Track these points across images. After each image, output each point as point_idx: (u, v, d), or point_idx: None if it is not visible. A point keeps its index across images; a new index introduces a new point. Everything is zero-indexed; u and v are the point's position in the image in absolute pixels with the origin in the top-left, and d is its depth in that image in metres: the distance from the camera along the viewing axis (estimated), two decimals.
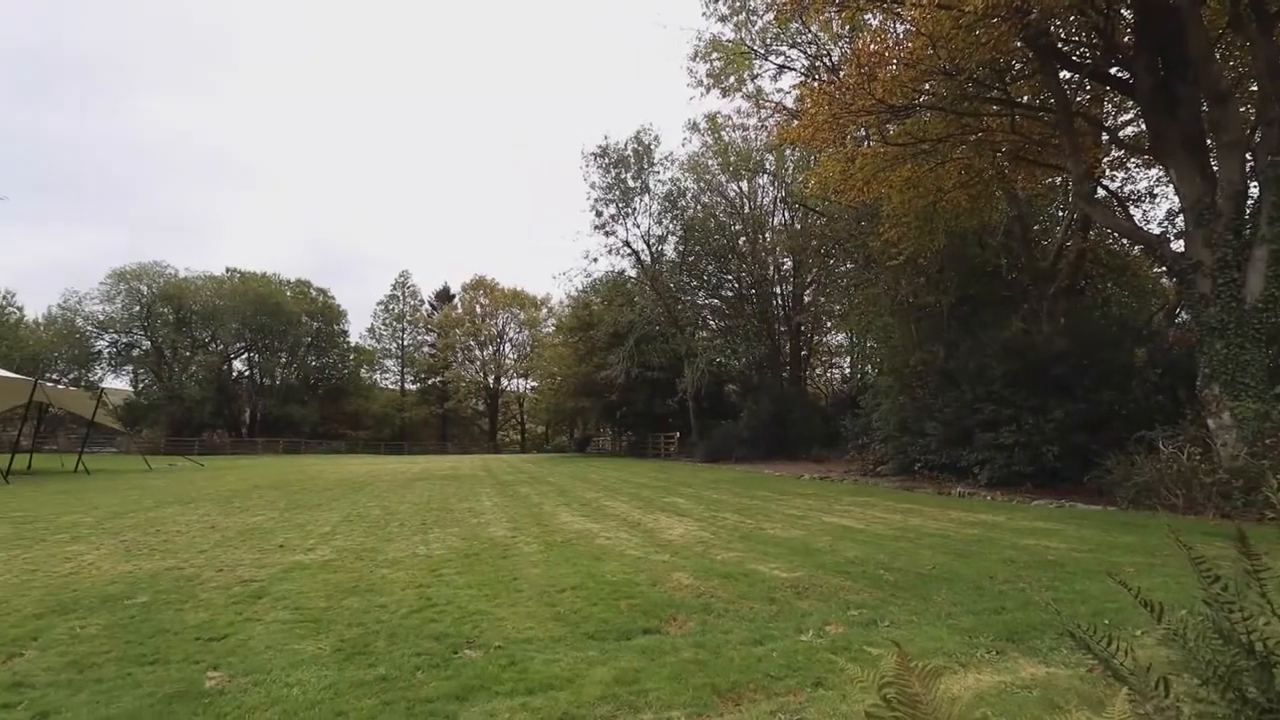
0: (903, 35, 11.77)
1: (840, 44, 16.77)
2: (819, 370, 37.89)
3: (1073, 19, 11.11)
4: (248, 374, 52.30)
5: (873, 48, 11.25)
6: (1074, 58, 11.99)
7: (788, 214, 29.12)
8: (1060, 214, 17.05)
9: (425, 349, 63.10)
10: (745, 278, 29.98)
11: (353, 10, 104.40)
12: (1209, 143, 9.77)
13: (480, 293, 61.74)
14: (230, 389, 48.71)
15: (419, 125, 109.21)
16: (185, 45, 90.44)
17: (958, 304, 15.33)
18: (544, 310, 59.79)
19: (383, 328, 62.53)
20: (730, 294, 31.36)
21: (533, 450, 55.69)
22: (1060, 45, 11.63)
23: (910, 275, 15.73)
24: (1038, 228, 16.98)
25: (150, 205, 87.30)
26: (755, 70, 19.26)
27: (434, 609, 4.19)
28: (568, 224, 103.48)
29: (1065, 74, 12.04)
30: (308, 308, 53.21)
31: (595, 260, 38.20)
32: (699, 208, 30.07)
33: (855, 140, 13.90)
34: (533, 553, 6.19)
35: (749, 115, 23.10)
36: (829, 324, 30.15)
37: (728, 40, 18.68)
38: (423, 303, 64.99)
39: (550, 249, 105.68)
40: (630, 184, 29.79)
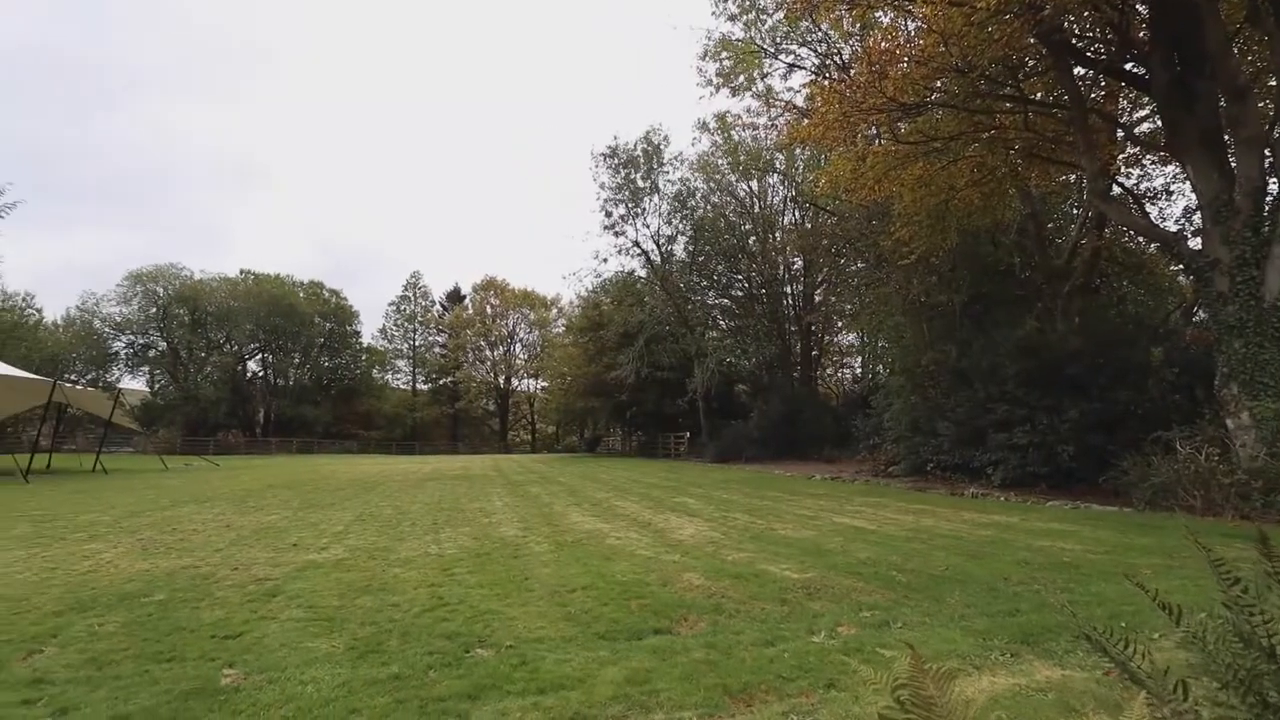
0: (914, 33, 11.69)
1: (851, 42, 16.69)
2: (830, 370, 37.71)
3: (1086, 14, 10.98)
4: (261, 374, 52.84)
5: (884, 45, 11.18)
6: (1088, 54, 11.85)
7: (798, 213, 29.00)
8: (1075, 212, 16.86)
9: (436, 349, 63.47)
10: (755, 277, 29.88)
11: (365, 13, 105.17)
12: (1227, 139, 9.62)
13: (491, 293, 62.00)
14: (244, 389, 49.20)
15: (430, 127, 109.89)
16: (198, 51, 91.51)
17: (970, 303, 15.19)
18: (554, 310, 59.97)
19: (394, 328, 62.99)
20: (740, 294, 31.28)
21: (543, 450, 55.84)
22: (1074, 41, 11.50)
23: (922, 274, 15.61)
24: (1052, 226, 16.79)
25: (166, 208, 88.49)
26: (765, 69, 19.23)
27: (446, 608, 4.21)
28: (578, 224, 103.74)
29: (1079, 70, 11.92)
30: (320, 309, 53.67)
31: (605, 260, 38.30)
32: (709, 207, 30.01)
33: (866, 139, 13.82)
34: (543, 552, 6.20)
35: (759, 114, 23.05)
36: (840, 323, 30.01)
37: (737, 39, 18.64)
38: (434, 303, 65.44)
39: (560, 249, 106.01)
40: (640, 184, 29.79)
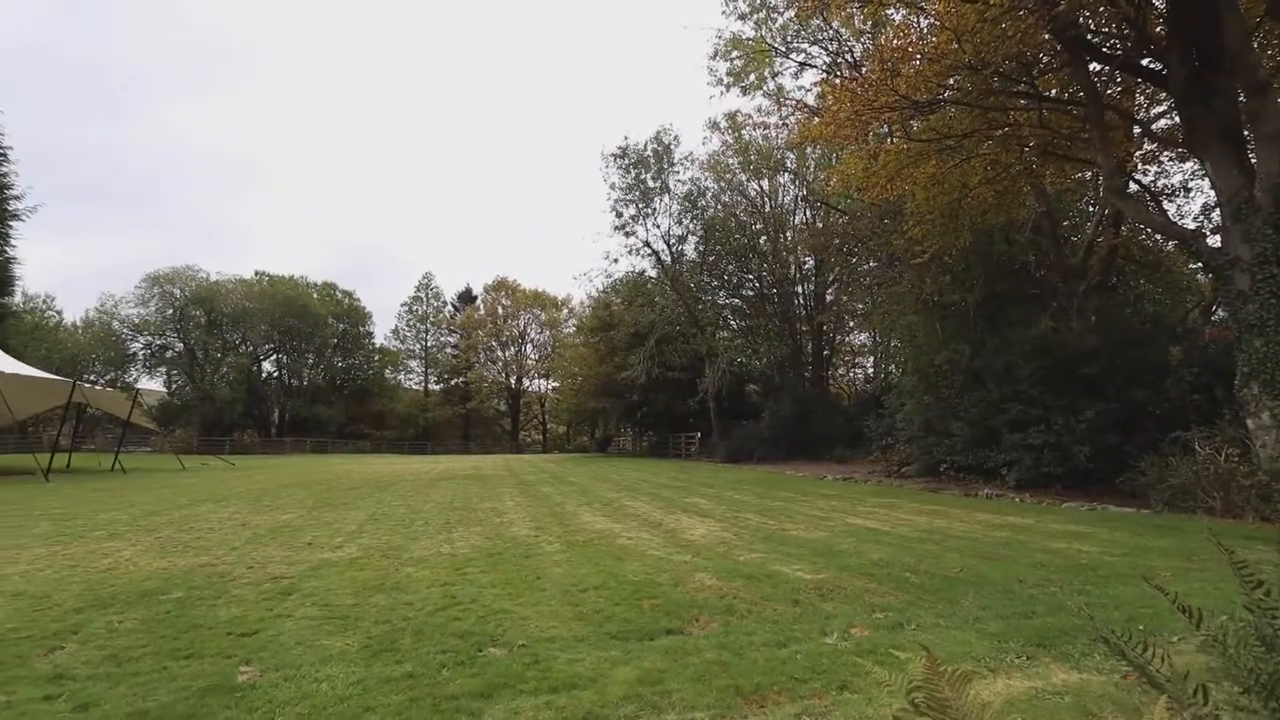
0: (926, 30, 11.59)
1: (862, 40, 16.58)
2: (841, 370, 37.53)
3: (1102, 9, 10.84)
4: (276, 375, 53.35)
5: (896, 43, 11.12)
6: (1104, 49, 11.69)
7: (809, 212, 28.87)
8: (1090, 209, 16.66)
9: (448, 350, 63.79)
10: (766, 277, 29.79)
11: (378, 15, 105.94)
12: (1246, 135, 9.47)
13: (502, 294, 62.22)
14: (259, 390, 49.71)
15: (442, 128, 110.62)
16: (212, 53, 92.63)
17: (984, 302, 15.05)
18: (565, 311, 60.12)
19: (406, 329, 63.36)
20: (751, 293, 31.19)
21: (554, 450, 55.98)
22: (1089, 37, 11.36)
23: (935, 273, 15.49)
24: (1067, 223, 16.61)
25: (183, 211, 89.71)
26: (776, 68, 19.14)
27: (458, 607, 4.23)
28: (588, 225, 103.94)
29: (1095, 66, 11.76)
30: (334, 310, 54.14)
31: (615, 261, 38.33)
32: (719, 207, 29.97)
33: (878, 137, 13.75)
34: (555, 552, 6.22)
35: (770, 113, 22.94)
36: (852, 323, 29.86)
37: (748, 38, 18.58)
38: (445, 304, 65.74)
39: (571, 250, 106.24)
40: (650, 184, 29.80)
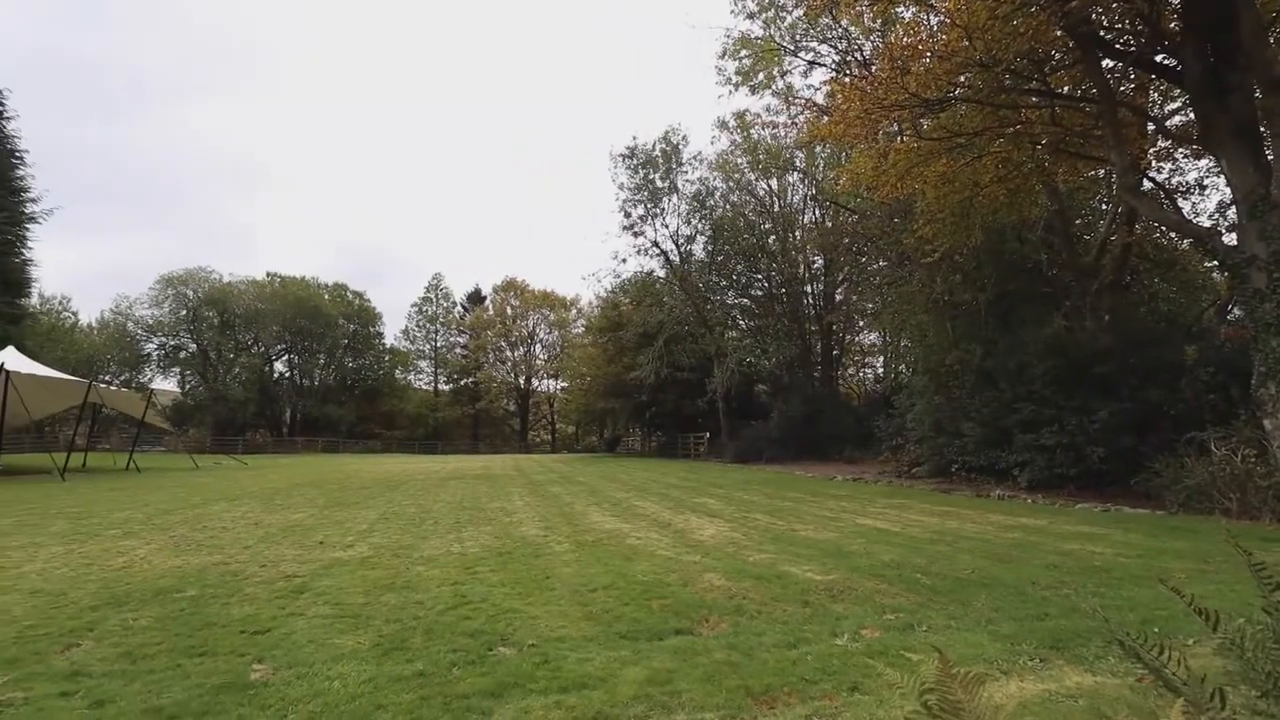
0: (937, 27, 11.52)
1: (872, 38, 16.51)
2: (851, 370, 37.37)
3: (1115, 5, 10.73)
4: (288, 375, 53.80)
5: (905, 41, 11.04)
6: (1117, 46, 11.57)
7: (818, 211, 28.76)
8: (1104, 207, 16.48)
9: (457, 350, 64.04)
10: (775, 277, 29.70)
11: (385, 15, 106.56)
12: (1262, 131, 9.34)
13: (511, 294, 62.39)
14: (271, 390, 50.12)
15: (451, 128, 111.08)
16: (222, 56, 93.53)
17: (995, 301, 14.93)
18: (574, 311, 60.18)
19: (416, 329, 63.68)
20: (760, 293, 31.11)
21: (563, 450, 56.08)
22: (1103, 33, 11.24)
23: (946, 272, 15.38)
24: (1080, 222, 16.44)
25: (193, 212, 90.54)
26: (785, 67, 19.10)
27: (468, 606, 4.25)
28: (597, 225, 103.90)
29: (1108, 63, 11.63)
30: (345, 310, 54.50)
31: (624, 261, 38.32)
32: (728, 207, 29.91)
33: (888, 135, 13.67)
34: (564, 552, 6.23)
35: (778, 112, 22.85)
36: (861, 323, 29.72)
37: (756, 37, 18.53)
38: (455, 304, 65.99)
39: (579, 250, 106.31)
40: (659, 184, 29.78)
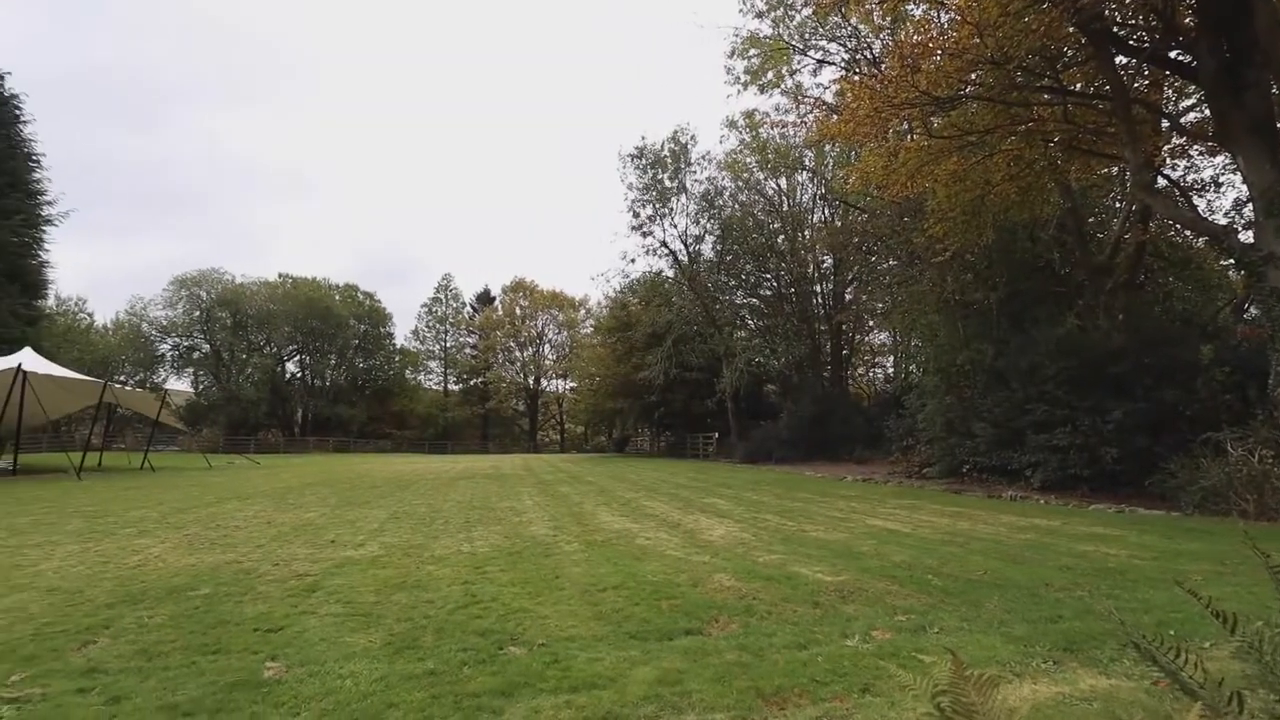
0: (947, 25, 11.45)
1: (882, 36, 16.42)
2: (861, 370, 37.19)
3: (1128, 0, 10.63)
4: (299, 375, 54.19)
5: (916, 38, 10.99)
6: (1130, 42, 11.46)
7: (828, 211, 28.65)
8: (1117, 205, 16.30)
9: (467, 350, 64.29)
10: (784, 276, 29.60)
11: (393, 18, 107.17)
12: (1279, 127, 9.22)
13: (520, 294, 62.54)
14: (283, 390, 50.52)
15: (458, 130, 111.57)
16: (232, 61, 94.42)
17: (1007, 300, 14.81)
18: (582, 311, 60.23)
19: (426, 330, 63.97)
20: (769, 293, 31.02)
21: (572, 450, 56.15)
22: (1116, 29, 11.13)
23: (957, 271, 15.28)
24: (1093, 220, 16.28)
25: (207, 215, 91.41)
26: (794, 65, 19.05)
27: (479, 605, 4.26)
28: (606, 225, 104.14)
29: (1121, 59, 11.51)
30: (355, 311, 54.86)
31: (633, 261, 38.30)
32: (736, 206, 29.84)
33: (898, 134, 13.60)
34: (574, 551, 6.24)
35: (787, 111, 22.81)
36: (871, 322, 29.57)
37: (765, 36, 18.49)
38: (464, 305, 66.25)
39: (588, 250, 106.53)
40: (667, 184, 29.75)
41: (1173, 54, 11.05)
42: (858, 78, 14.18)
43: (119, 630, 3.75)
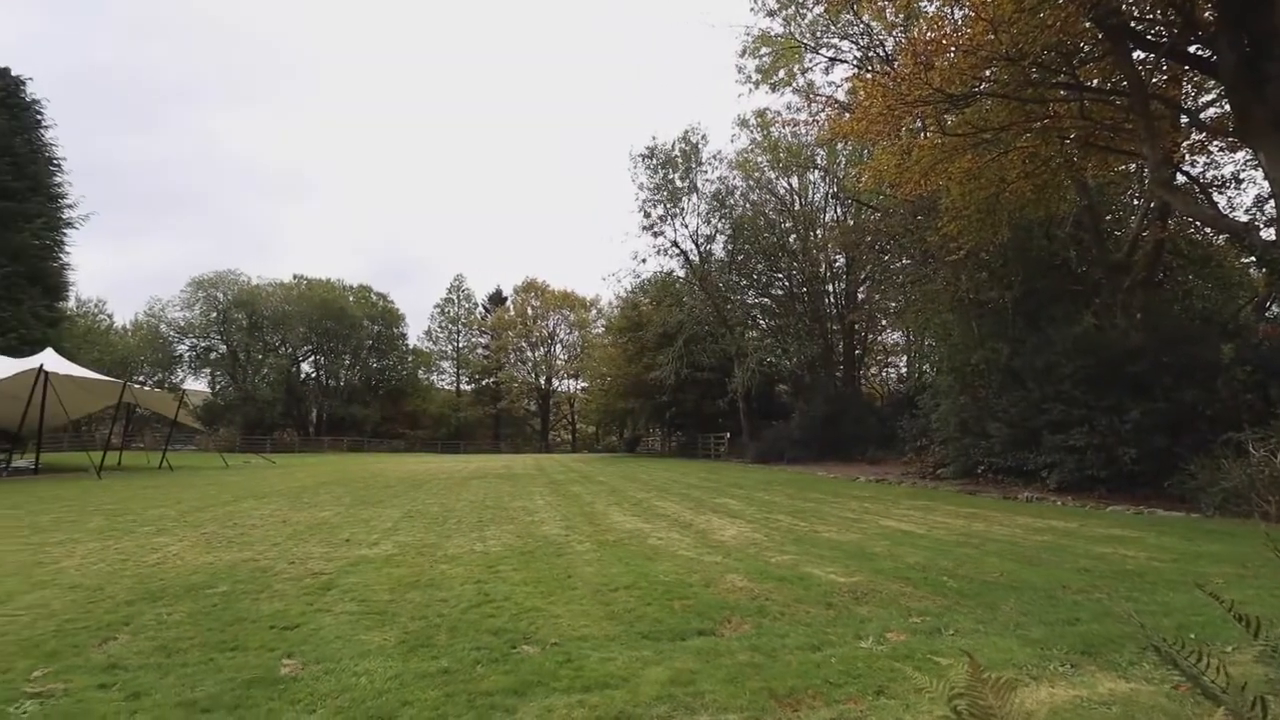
0: (961, 21, 11.33)
1: (894, 33, 16.28)
2: (874, 370, 36.94)
3: None
4: (314, 376, 54.71)
5: (929, 35, 10.89)
6: (1148, 36, 11.28)
7: (840, 210, 28.49)
8: (1135, 203, 16.08)
9: (479, 350, 64.57)
10: (796, 276, 29.48)
11: (408, 20, 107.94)
12: None
13: (531, 295, 62.74)
14: (298, 390, 51.03)
15: (471, 132, 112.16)
16: (244, 64, 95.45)
17: (1023, 299, 14.66)
18: (593, 311, 60.32)
19: (439, 330, 64.31)
20: (781, 293, 30.90)
21: (583, 450, 56.26)
22: (1133, 24, 10.97)
23: (971, 270, 15.14)
24: (1110, 217, 16.07)
25: (222, 217, 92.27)
26: (805, 64, 18.92)
27: (492, 604, 4.28)
28: (617, 225, 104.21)
29: (1139, 54, 11.35)
30: (369, 312, 55.30)
31: (644, 261, 38.32)
32: (748, 206, 29.75)
33: (911, 131, 13.49)
34: (586, 551, 6.25)
35: (799, 110, 22.65)
36: (884, 322, 29.37)
37: (776, 35, 18.40)
38: (476, 305, 66.50)
39: (599, 250, 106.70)
40: (678, 184, 29.72)
41: (1191, 48, 10.87)
42: (870, 75, 14.09)
43: (139, 627, 3.80)
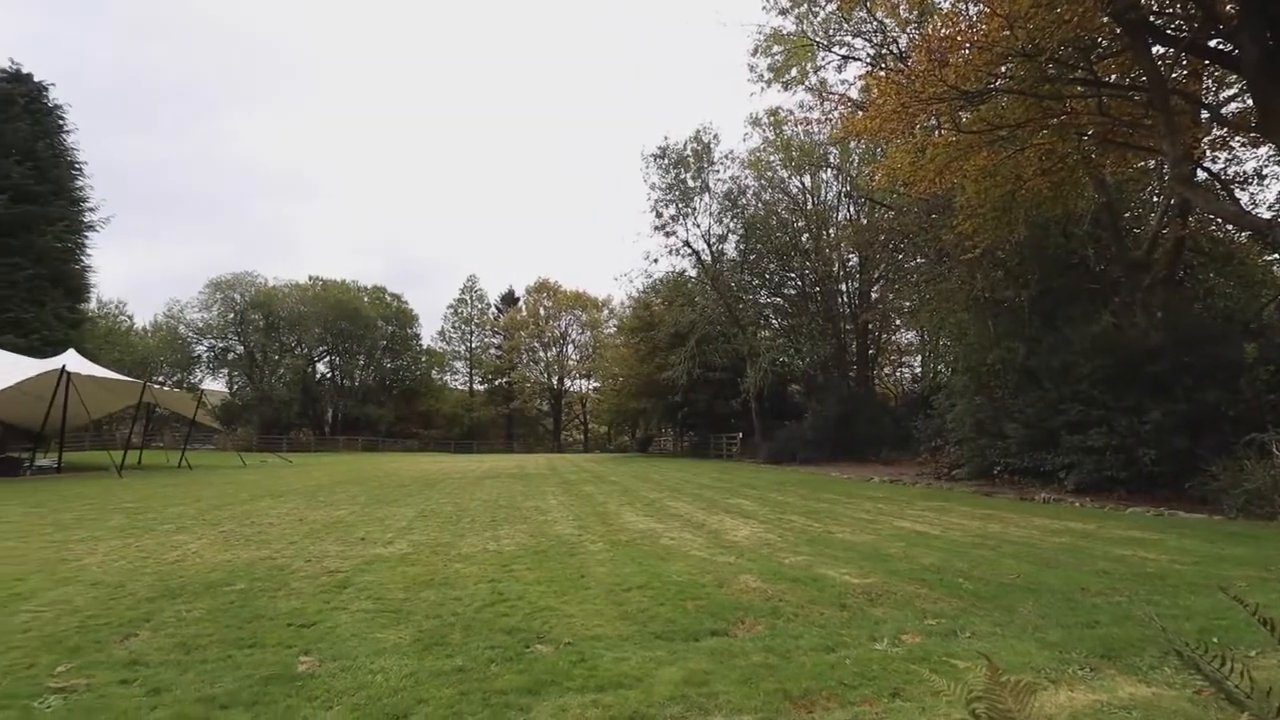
0: (976, 17, 11.21)
1: (908, 30, 16.14)
2: (888, 369, 36.66)
3: None
4: (329, 376, 55.26)
5: (944, 32, 10.79)
6: (1168, 31, 11.11)
7: (853, 208, 28.31)
8: (1155, 200, 15.83)
9: (492, 351, 64.90)
10: (809, 275, 29.32)
11: (420, 22, 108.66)
12: None
13: (543, 295, 62.94)
14: (314, 390, 51.54)
15: (484, 133, 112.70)
16: (258, 68, 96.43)
17: (1039, 298, 14.47)
18: (605, 311, 60.37)
19: (452, 330, 64.70)
20: (793, 292, 30.75)
21: (595, 450, 56.35)
22: (1152, 18, 10.80)
23: (987, 268, 14.98)
24: (1129, 215, 15.83)
25: (240, 220, 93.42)
26: (818, 62, 18.80)
27: (505, 604, 4.30)
28: (629, 225, 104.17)
29: (1158, 49, 11.17)
30: (383, 312, 55.78)
31: (655, 261, 38.15)
32: (760, 205, 29.63)
33: (925, 129, 13.35)
34: (598, 551, 6.26)
35: (811, 108, 22.55)
36: (898, 321, 29.14)
37: (789, 33, 18.31)
38: (489, 306, 66.85)
39: (611, 250, 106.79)
40: (690, 184, 29.67)
41: (1213, 42, 10.69)
42: (884, 73, 13.97)
43: (159, 624, 3.86)
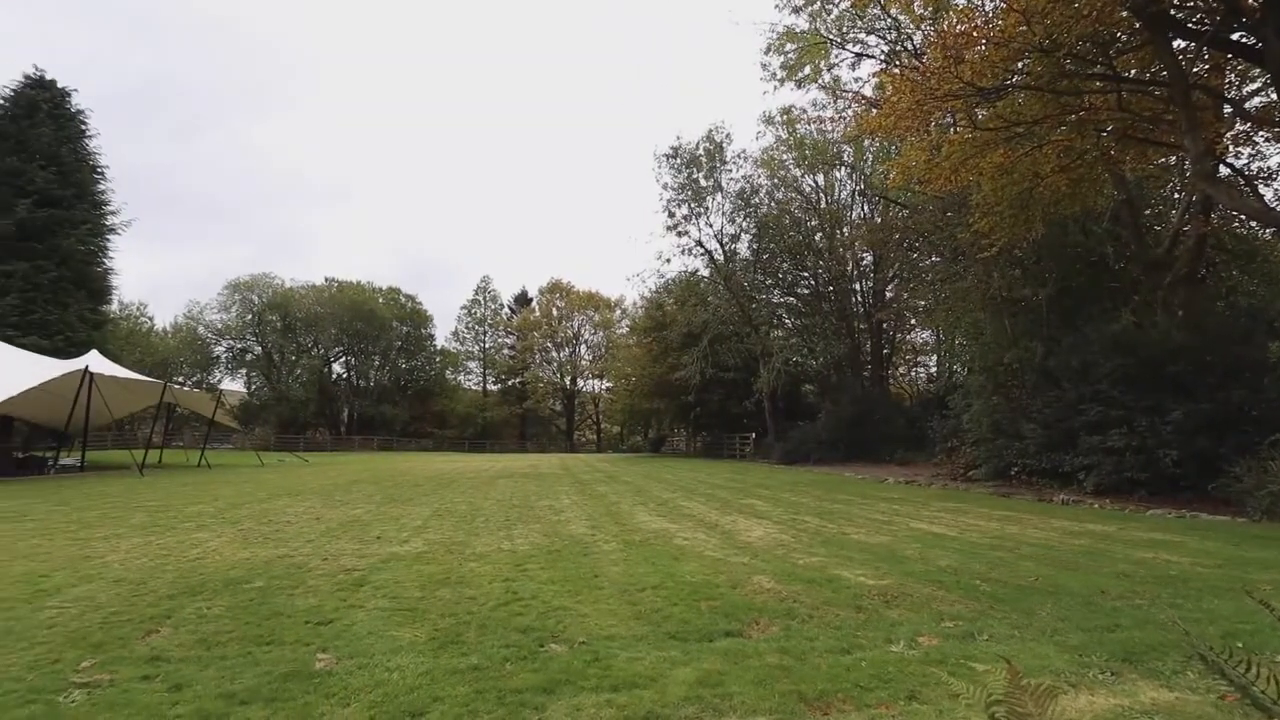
0: (992, 12, 11.10)
1: (923, 27, 16.02)
2: (902, 369, 36.39)
3: None
4: (345, 376, 55.83)
5: (959, 28, 10.68)
6: (1189, 25, 10.91)
7: (867, 207, 28.13)
8: (1176, 196, 15.57)
9: (505, 351, 65.18)
10: (822, 274, 29.17)
11: (432, 25, 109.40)
12: None
13: (556, 295, 63.12)
14: (330, 390, 52.09)
15: (497, 133, 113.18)
16: (263, 70, 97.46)
17: (1057, 297, 14.28)
18: (618, 311, 60.41)
19: (465, 331, 65.06)
20: (807, 291, 30.60)
21: (608, 450, 56.41)
22: (1173, 12, 10.61)
23: (1003, 267, 14.81)
24: (1149, 212, 15.57)
25: (258, 222, 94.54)
26: (831, 60, 18.70)
27: (520, 603, 4.32)
28: (641, 225, 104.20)
29: (1180, 43, 10.98)
30: (398, 313, 56.24)
31: (668, 261, 38.18)
32: (773, 204, 29.51)
33: (941, 126, 13.24)
34: (612, 551, 6.27)
35: (825, 106, 22.48)
36: (913, 321, 28.93)
37: (802, 31, 18.23)
38: (502, 306, 67.20)
39: (624, 250, 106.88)
40: (702, 183, 29.61)
41: (1235, 36, 10.49)
42: (898, 70, 13.85)
43: (180, 620, 3.92)
